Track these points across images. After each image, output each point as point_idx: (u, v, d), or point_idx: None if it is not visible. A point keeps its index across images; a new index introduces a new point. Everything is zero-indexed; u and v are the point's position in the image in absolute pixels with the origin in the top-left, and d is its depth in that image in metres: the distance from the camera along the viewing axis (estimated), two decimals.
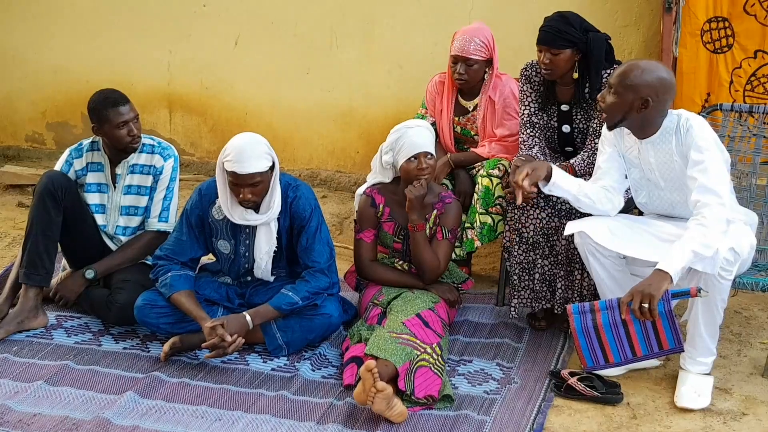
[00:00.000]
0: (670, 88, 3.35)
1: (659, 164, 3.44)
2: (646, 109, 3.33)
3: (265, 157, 3.53)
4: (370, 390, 3.14)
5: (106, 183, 4.01)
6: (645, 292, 3.11)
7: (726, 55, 4.44)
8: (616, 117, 3.39)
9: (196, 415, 3.28)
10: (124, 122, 3.85)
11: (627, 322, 3.20)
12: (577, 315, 3.25)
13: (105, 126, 3.86)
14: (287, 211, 3.69)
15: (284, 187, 3.69)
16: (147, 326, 3.73)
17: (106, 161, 4.01)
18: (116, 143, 3.91)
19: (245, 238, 3.72)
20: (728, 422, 3.28)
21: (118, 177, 4.00)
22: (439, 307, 3.72)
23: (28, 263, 3.81)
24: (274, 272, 3.78)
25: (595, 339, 3.25)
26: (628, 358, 3.27)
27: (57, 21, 6.02)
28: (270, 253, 3.71)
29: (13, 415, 3.25)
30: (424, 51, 5.30)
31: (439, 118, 4.41)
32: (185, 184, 5.89)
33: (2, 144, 6.37)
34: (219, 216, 3.72)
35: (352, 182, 5.67)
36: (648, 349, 3.25)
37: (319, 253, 3.66)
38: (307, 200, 3.70)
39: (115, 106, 3.84)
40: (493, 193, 4.04)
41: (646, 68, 3.32)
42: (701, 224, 3.18)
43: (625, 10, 4.99)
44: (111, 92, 3.93)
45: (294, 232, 3.71)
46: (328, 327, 3.73)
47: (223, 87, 5.84)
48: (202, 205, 3.74)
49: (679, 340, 3.21)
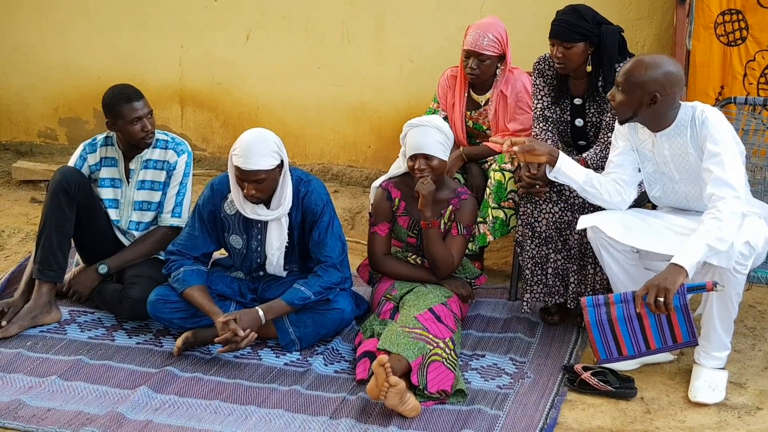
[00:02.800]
0: (677, 81, 3.32)
1: (674, 157, 3.42)
2: (656, 104, 3.31)
3: (272, 155, 3.52)
4: (383, 385, 3.14)
5: (120, 178, 4.02)
6: (661, 286, 3.10)
7: (740, 48, 4.42)
8: (627, 114, 3.38)
9: (209, 409, 3.29)
10: (138, 118, 3.86)
11: (642, 316, 3.19)
12: (591, 308, 3.24)
13: (119, 121, 3.87)
14: (299, 206, 3.69)
15: (296, 182, 3.69)
16: (160, 321, 3.73)
17: (120, 156, 4.01)
18: (130, 138, 3.91)
19: (257, 233, 3.72)
20: (743, 417, 3.27)
21: (131, 172, 4.00)
22: (451, 302, 3.71)
23: (42, 259, 3.83)
24: (286, 267, 3.78)
25: (609, 332, 3.24)
26: (642, 351, 3.26)
27: (69, 17, 6.04)
28: (281, 249, 3.71)
29: (28, 409, 3.27)
30: (436, 45, 5.29)
31: (451, 112, 4.40)
32: (197, 179, 5.89)
33: (15, 140, 6.40)
34: (231, 211, 3.72)
35: (364, 177, 5.67)
36: (662, 343, 3.23)
37: (332, 248, 3.66)
38: (319, 195, 3.69)
39: (129, 101, 3.85)
40: (506, 188, 4.03)
41: (651, 64, 3.30)
42: (716, 218, 3.17)
43: (638, 3, 4.96)
44: (125, 87, 3.94)
45: (306, 226, 3.71)
46: (340, 322, 3.73)
47: (235, 82, 5.85)
48: (214, 200, 3.74)
49: (693, 333, 3.20)
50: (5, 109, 6.39)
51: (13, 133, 6.42)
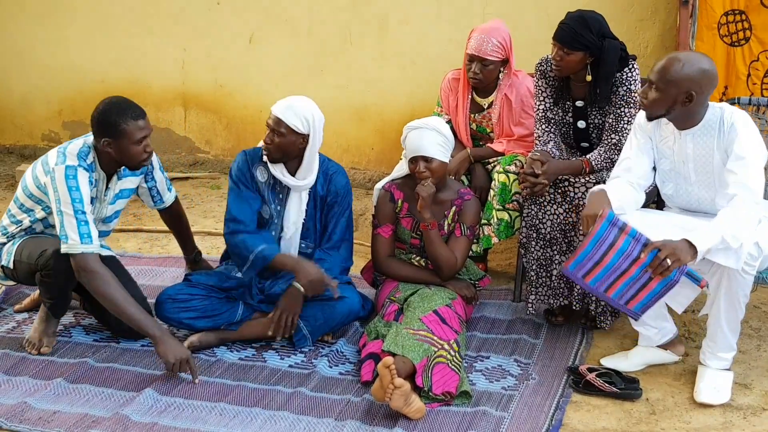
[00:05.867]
0: (712, 79, 3.29)
1: (696, 157, 3.40)
2: (691, 103, 3.28)
3: (300, 118, 3.63)
4: (387, 386, 3.14)
5: (95, 196, 3.64)
6: (675, 252, 3.12)
7: (743, 48, 4.42)
8: (659, 111, 3.33)
9: (215, 412, 3.29)
10: (143, 137, 3.52)
11: (635, 264, 3.19)
12: (607, 223, 3.23)
13: (122, 141, 3.49)
14: (326, 182, 3.80)
15: (325, 161, 3.83)
16: (168, 322, 3.72)
17: (102, 177, 3.64)
18: (128, 159, 3.55)
19: (277, 204, 3.78)
20: (748, 417, 3.26)
21: (108, 191, 3.69)
22: (456, 304, 3.71)
23: (52, 306, 3.69)
24: (302, 243, 3.83)
25: (600, 254, 3.23)
26: (599, 290, 3.28)
27: (72, 21, 6.05)
28: (297, 224, 3.78)
29: (33, 412, 3.27)
30: (438, 47, 5.30)
31: (454, 114, 4.40)
32: (200, 182, 5.92)
33: (19, 143, 6.41)
34: (262, 178, 3.78)
35: (367, 179, 5.68)
36: (619, 297, 3.27)
37: (342, 229, 3.82)
38: (345, 178, 3.86)
39: (136, 119, 3.49)
40: (510, 190, 4.03)
41: (686, 61, 3.27)
42: (734, 216, 3.18)
43: (641, 4, 4.96)
44: (128, 103, 3.55)
45: (327, 201, 3.81)
46: (349, 313, 3.76)
47: (238, 85, 5.85)
48: (248, 164, 3.79)
49: (644, 310, 3.26)
50: (9, 112, 6.40)
51: (16, 137, 6.43)
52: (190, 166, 6.09)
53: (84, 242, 3.44)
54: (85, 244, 3.44)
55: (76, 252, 3.44)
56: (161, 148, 6.15)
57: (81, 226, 3.44)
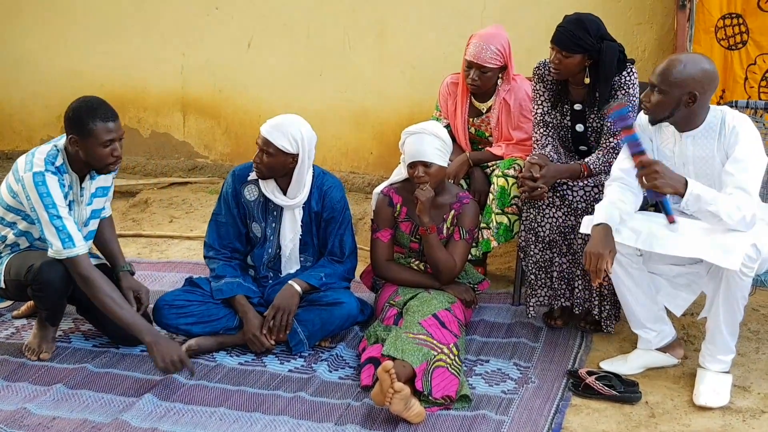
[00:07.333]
0: (714, 79, 3.30)
1: (696, 159, 3.41)
2: (694, 104, 3.29)
3: (289, 139, 3.63)
4: (387, 391, 3.14)
5: (73, 199, 3.60)
6: (665, 176, 3.21)
7: (740, 52, 4.43)
8: (663, 114, 3.35)
9: (215, 416, 3.29)
10: (111, 140, 3.44)
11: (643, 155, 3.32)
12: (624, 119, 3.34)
13: (88, 140, 3.42)
14: (321, 198, 3.79)
15: (320, 176, 3.82)
16: (166, 328, 3.73)
17: (75, 179, 3.58)
18: (94, 161, 3.48)
19: (272, 221, 3.78)
20: (747, 420, 3.27)
21: (82, 191, 3.63)
22: (455, 308, 3.72)
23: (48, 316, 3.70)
24: (301, 257, 3.84)
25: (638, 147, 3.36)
26: None
27: (70, 25, 6.06)
28: (294, 241, 3.79)
29: (33, 418, 3.27)
30: (437, 51, 5.30)
31: (453, 119, 4.40)
32: (199, 186, 5.92)
33: (17, 148, 6.41)
34: (251, 197, 3.78)
35: (366, 183, 5.68)
36: None
37: (348, 245, 3.83)
38: (340, 192, 3.84)
39: (105, 120, 3.42)
40: (509, 193, 4.03)
41: (687, 61, 3.28)
42: (732, 201, 3.22)
43: (638, 8, 4.97)
44: (99, 103, 3.49)
45: (323, 217, 3.80)
46: (347, 317, 3.76)
47: (237, 89, 5.86)
48: (235, 185, 3.81)
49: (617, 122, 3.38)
50: (7, 117, 6.41)
51: (15, 142, 6.43)
52: (189, 171, 6.10)
53: (66, 246, 3.44)
54: (68, 249, 3.44)
55: (61, 258, 3.46)
56: (160, 153, 6.16)
57: (59, 231, 3.43)
